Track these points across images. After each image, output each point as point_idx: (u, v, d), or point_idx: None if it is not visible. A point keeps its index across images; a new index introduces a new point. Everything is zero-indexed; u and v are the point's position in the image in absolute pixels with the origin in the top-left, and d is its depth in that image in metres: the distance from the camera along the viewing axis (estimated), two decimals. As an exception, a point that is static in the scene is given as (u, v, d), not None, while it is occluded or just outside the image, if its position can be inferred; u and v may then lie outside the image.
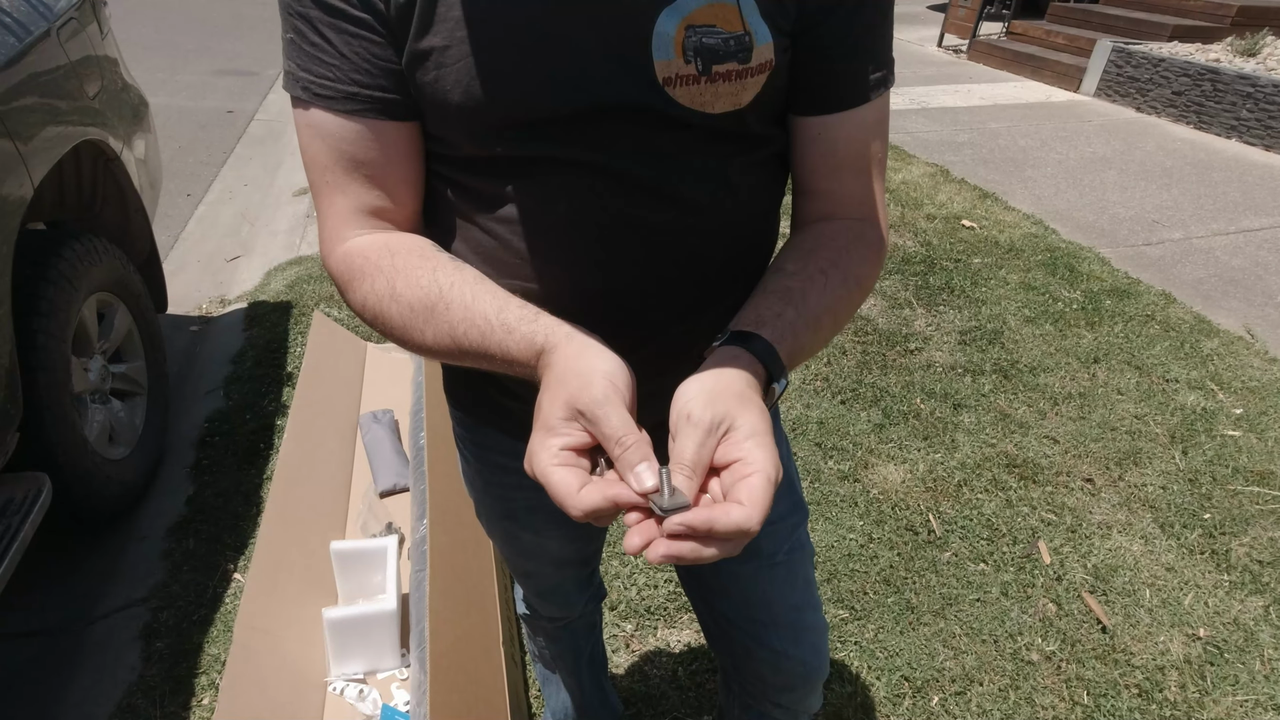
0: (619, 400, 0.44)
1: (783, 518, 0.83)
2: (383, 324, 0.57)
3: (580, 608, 1.09)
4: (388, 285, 0.55)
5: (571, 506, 0.42)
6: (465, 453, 0.85)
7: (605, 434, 0.44)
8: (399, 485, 1.69)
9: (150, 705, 1.42)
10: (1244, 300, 2.78)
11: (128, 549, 1.78)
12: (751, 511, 0.42)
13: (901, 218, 3.33)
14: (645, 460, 0.43)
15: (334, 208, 0.59)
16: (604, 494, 0.42)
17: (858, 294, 0.60)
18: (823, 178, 0.62)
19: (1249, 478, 1.93)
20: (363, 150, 0.57)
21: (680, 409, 0.47)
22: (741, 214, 0.63)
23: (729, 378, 0.49)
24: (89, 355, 1.78)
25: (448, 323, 0.52)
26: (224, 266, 3.12)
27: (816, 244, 0.61)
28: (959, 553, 1.72)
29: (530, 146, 0.56)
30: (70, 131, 1.68)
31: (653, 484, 0.42)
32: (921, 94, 5.49)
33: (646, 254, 0.60)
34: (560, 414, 0.45)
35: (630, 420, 0.44)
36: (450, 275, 0.54)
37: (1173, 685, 1.44)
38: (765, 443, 0.45)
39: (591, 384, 0.44)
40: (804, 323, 0.55)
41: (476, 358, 0.52)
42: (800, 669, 0.87)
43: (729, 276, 0.65)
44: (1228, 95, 4.56)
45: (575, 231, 0.59)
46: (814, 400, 2.20)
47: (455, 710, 1.09)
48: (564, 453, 0.44)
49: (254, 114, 4.91)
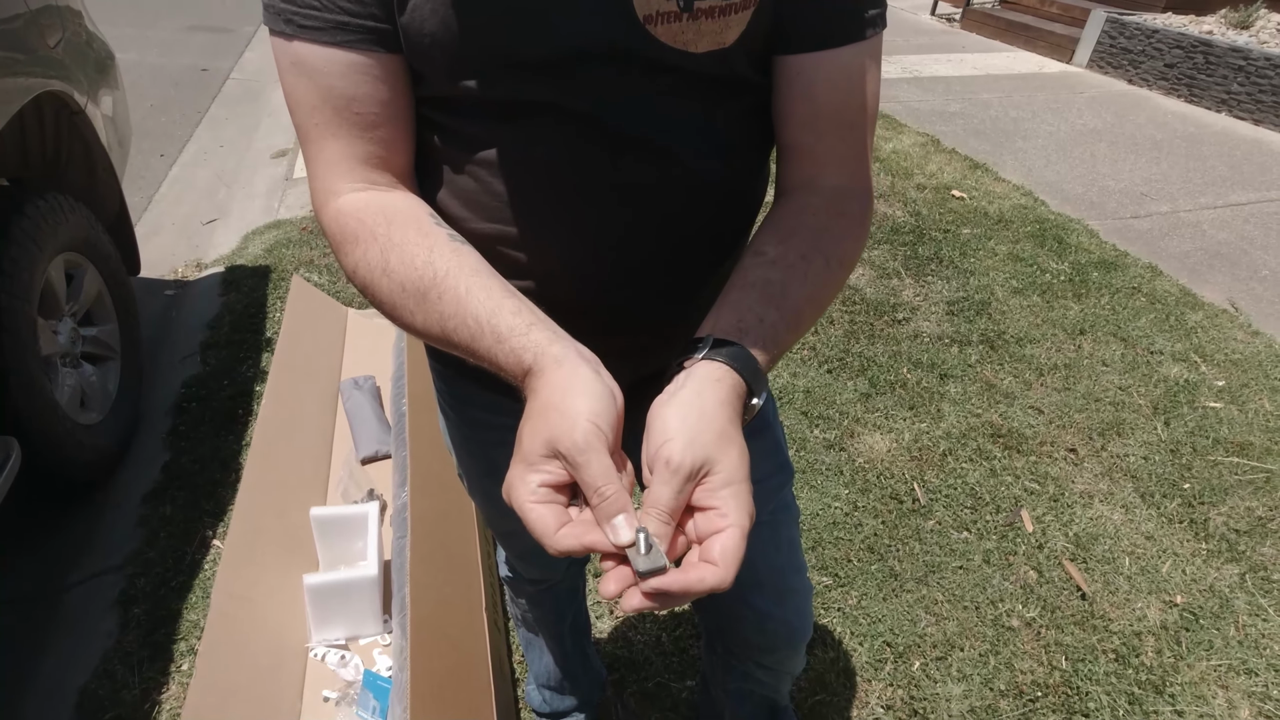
0: (601, 445, 0.43)
1: (768, 477, 0.82)
2: (372, 296, 0.54)
3: (563, 571, 1.07)
4: (380, 258, 0.52)
5: (548, 546, 0.43)
6: (445, 408, 0.83)
7: (584, 480, 0.43)
8: (380, 452, 1.67)
9: (128, 671, 1.40)
10: (1229, 274, 2.79)
11: (103, 516, 1.75)
12: (724, 573, 0.42)
13: (891, 187, 3.30)
14: (623, 513, 0.42)
15: (324, 155, 0.55)
16: (580, 541, 0.42)
17: (840, 274, 0.57)
18: (803, 130, 0.58)
19: (1229, 449, 1.95)
20: (353, 86, 0.53)
21: (659, 450, 0.45)
22: (726, 168, 0.60)
23: (711, 411, 0.46)
24: (57, 317, 1.73)
25: (439, 313, 0.50)
26: (200, 230, 3.04)
27: (797, 221, 0.57)
28: (942, 521, 1.73)
29: (509, 88, 0.53)
30: (30, 83, 1.60)
31: (628, 539, 0.42)
32: (914, 63, 5.42)
33: (628, 201, 0.58)
34: (540, 451, 0.44)
35: (611, 469, 0.43)
36: (447, 260, 0.51)
37: (1149, 650, 1.46)
38: (741, 492, 0.45)
39: (574, 427, 0.43)
40: (786, 324, 0.52)
41: (465, 355, 0.51)
42: (784, 630, 0.87)
43: (713, 236, 0.63)
44: (1219, 68, 4.53)
45: (554, 177, 0.56)
46: (800, 369, 2.19)
47: (437, 675, 1.08)
48: (542, 489, 0.44)
49: (229, 72, 4.76)
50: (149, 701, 1.35)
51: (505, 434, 0.79)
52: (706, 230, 0.62)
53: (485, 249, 0.55)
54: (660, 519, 0.44)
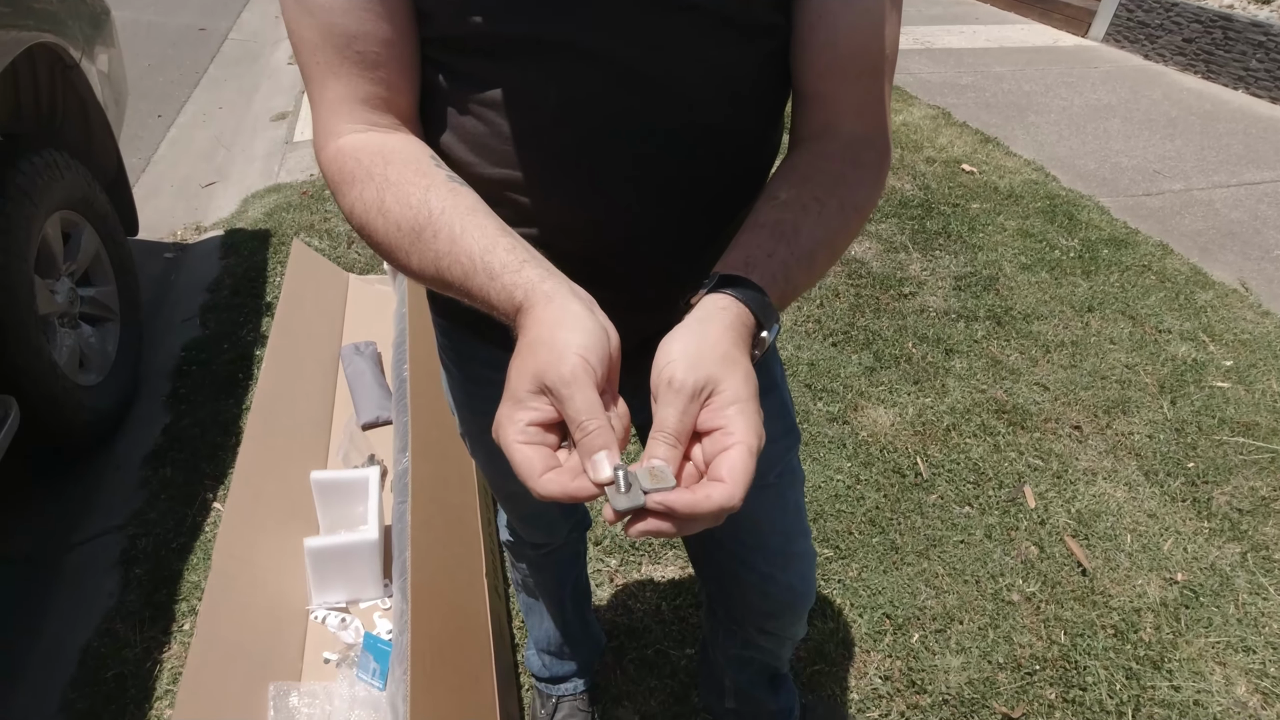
0: (588, 379, 0.41)
1: (775, 440, 0.80)
2: (368, 236, 0.53)
3: (564, 535, 1.07)
4: (377, 197, 0.51)
5: (532, 489, 0.41)
6: (447, 363, 0.81)
7: (569, 415, 0.41)
8: (381, 418, 1.66)
9: (130, 630, 1.41)
10: (1240, 254, 2.75)
11: (104, 477, 1.75)
12: (733, 490, 0.40)
13: (901, 160, 3.25)
14: (606, 449, 0.40)
15: (326, 95, 0.54)
16: (564, 488, 0.40)
17: (855, 221, 0.56)
18: (822, 77, 0.56)
19: (1235, 428, 1.94)
20: (356, 22, 0.51)
21: (662, 372, 0.44)
22: (741, 115, 0.58)
23: (715, 336, 0.45)
24: (55, 277, 1.71)
25: (433, 252, 0.48)
26: (199, 192, 3.00)
27: (811, 168, 0.56)
28: (945, 495, 1.73)
29: (520, 25, 0.51)
30: (21, 35, 1.56)
31: (606, 476, 0.40)
32: (925, 34, 5.31)
33: (640, 146, 0.56)
34: (528, 386, 0.42)
35: (597, 404, 0.41)
36: (443, 199, 0.49)
37: (1148, 626, 1.47)
38: (749, 410, 0.43)
39: (562, 359, 0.41)
40: (796, 261, 0.51)
41: (460, 293, 0.49)
42: (787, 595, 0.87)
43: (726, 185, 0.61)
44: (1238, 44, 4.43)
45: (565, 119, 0.54)
46: (805, 342, 2.17)
47: (438, 639, 1.08)
48: (530, 429, 0.42)
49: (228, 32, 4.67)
50: (150, 660, 1.36)
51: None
52: (719, 178, 0.60)
53: (492, 195, 0.53)
54: (666, 442, 0.42)
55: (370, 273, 2.37)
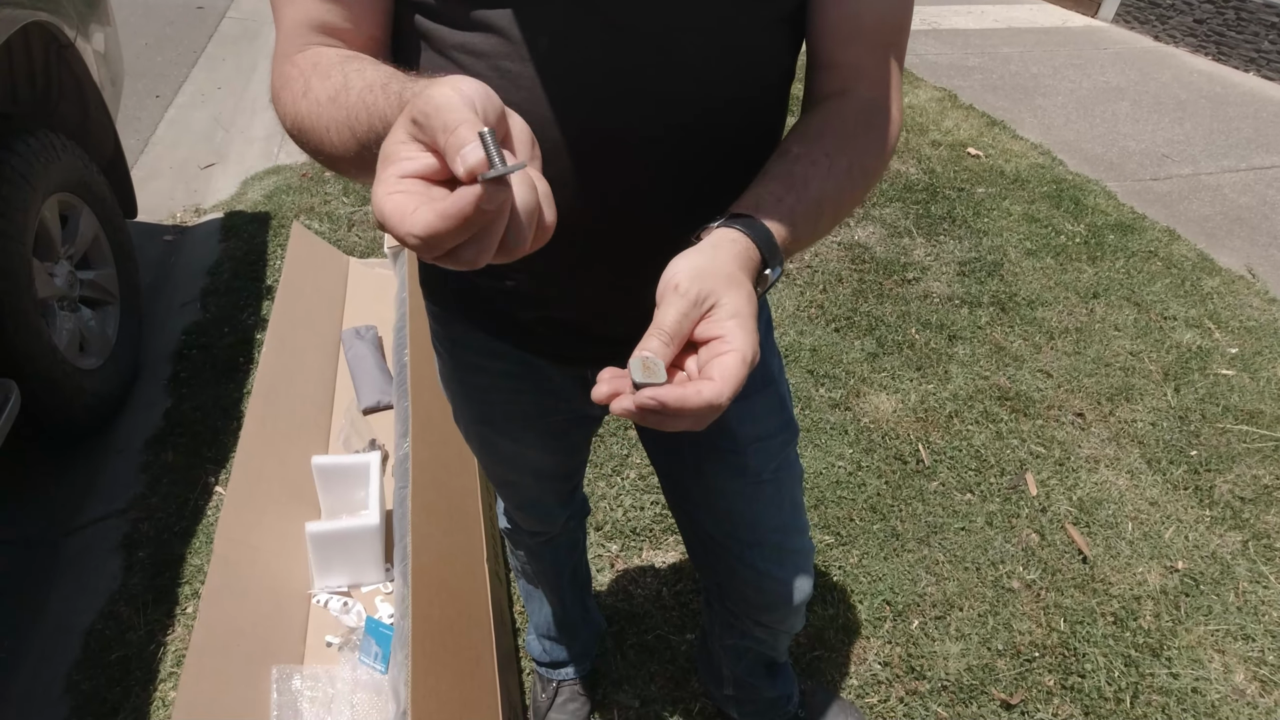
0: (463, 100, 0.34)
1: (772, 435, 0.80)
2: (299, 129, 0.50)
3: (562, 524, 1.07)
4: (303, 84, 0.49)
5: (406, 233, 0.34)
6: (440, 349, 0.81)
7: (434, 127, 0.34)
8: (382, 403, 1.66)
9: (133, 613, 1.42)
10: (1248, 240, 2.73)
11: (105, 461, 1.75)
12: (721, 387, 0.41)
13: (906, 143, 3.21)
14: (474, 141, 0.33)
15: (283, 24, 0.53)
16: (437, 210, 0.33)
17: (863, 185, 0.57)
18: (841, 46, 0.57)
19: (1238, 416, 1.93)
20: None
21: (668, 279, 0.46)
22: (749, 85, 0.57)
23: (722, 258, 0.47)
24: (53, 260, 1.70)
25: (345, 108, 0.45)
26: (198, 174, 2.97)
27: (824, 127, 0.57)
28: (946, 482, 1.72)
29: None
30: (15, 13, 1.54)
31: (476, 160, 0.33)
32: (933, 14, 5.23)
33: (638, 106, 0.54)
34: (399, 136, 0.36)
35: (470, 112, 0.34)
36: (362, 64, 0.47)
37: (1148, 614, 1.47)
38: (746, 324, 0.44)
39: (430, 88, 0.35)
40: (804, 210, 0.52)
41: (370, 149, 0.44)
42: (784, 590, 0.86)
43: (727, 153, 0.59)
44: (1251, 25, 4.36)
45: (560, 74, 0.52)
46: (808, 328, 2.16)
47: (439, 623, 1.09)
48: (405, 180, 0.36)
49: (226, 10, 4.61)
50: (154, 643, 1.37)
51: (499, 379, 0.77)
52: (719, 143, 0.58)
53: None
54: (660, 338, 0.43)
55: (371, 256, 2.36)
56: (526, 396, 0.78)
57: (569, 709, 1.28)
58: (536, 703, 1.30)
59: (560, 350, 0.71)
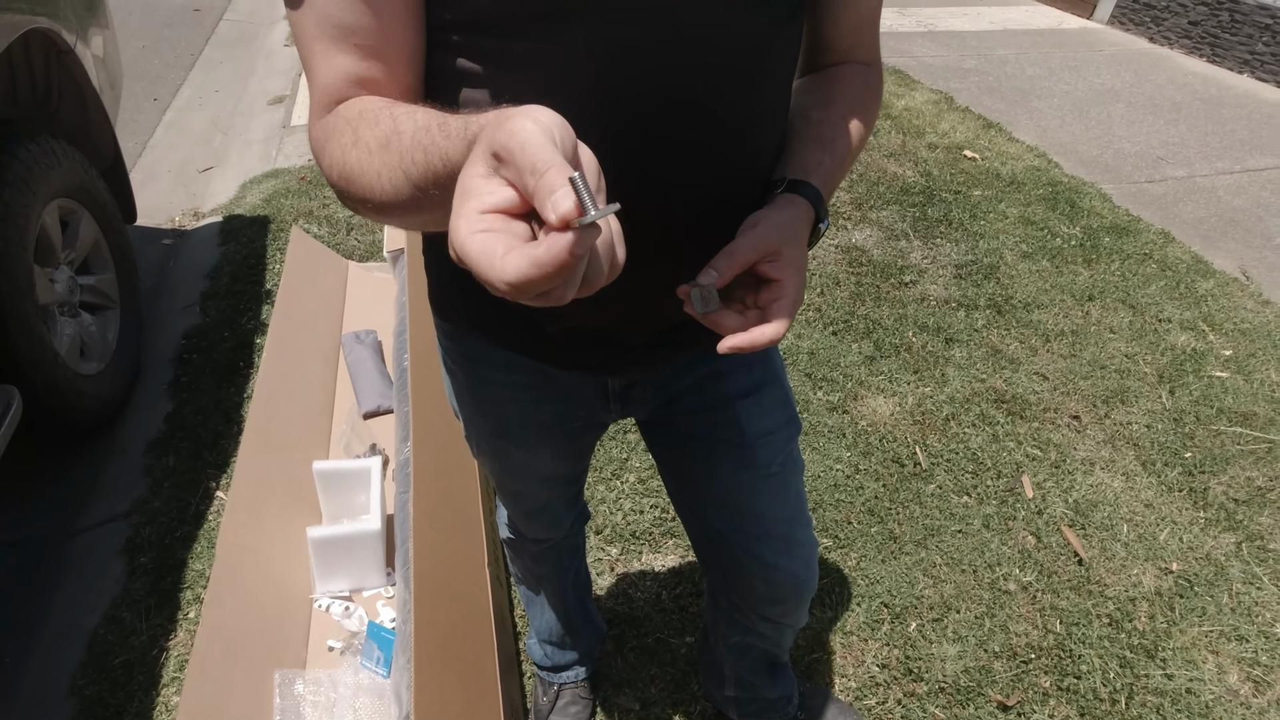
0: (544, 133, 0.34)
1: (779, 428, 0.82)
2: (347, 179, 0.50)
3: (566, 528, 1.08)
4: (351, 134, 0.50)
5: (496, 279, 0.34)
6: (453, 366, 0.81)
7: (520, 166, 0.34)
8: (383, 407, 1.66)
9: (136, 618, 1.42)
10: (1242, 242, 2.74)
11: (107, 465, 1.76)
12: (779, 327, 0.55)
13: (902, 146, 3.23)
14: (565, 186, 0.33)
15: (319, 79, 0.54)
16: (531, 257, 0.33)
17: (866, 133, 0.69)
18: (848, 34, 0.68)
19: (1232, 418, 1.95)
20: (353, 16, 0.51)
21: (752, 220, 0.57)
22: (768, 95, 0.62)
23: (790, 217, 0.58)
24: (54, 265, 1.70)
25: (398, 153, 0.45)
26: (196, 177, 2.98)
27: (833, 93, 0.68)
28: (943, 485, 1.74)
29: (555, 2, 0.51)
30: (16, 20, 1.54)
31: (568, 207, 0.32)
32: (929, 16, 5.25)
33: (680, 127, 0.56)
34: (479, 170, 0.36)
35: (554, 150, 0.34)
36: (410, 109, 0.47)
37: (1142, 616, 1.48)
38: (801, 274, 0.57)
39: (510, 119, 0.35)
40: (837, 165, 0.64)
41: (427, 191, 0.44)
42: (791, 581, 0.88)
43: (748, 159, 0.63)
44: (1245, 27, 4.39)
45: (603, 99, 0.54)
46: (805, 331, 2.17)
47: (441, 628, 1.10)
48: (487, 216, 0.35)
49: (223, 13, 4.61)
50: (157, 648, 1.37)
51: (516, 391, 0.78)
52: (742, 151, 0.62)
53: None
54: (729, 260, 0.55)
55: (370, 259, 2.36)
56: (545, 406, 0.79)
57: (570, 712, 1.29)
58: (538, 706, 1.31)
59: (582, 360, 0.72)
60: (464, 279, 0.70)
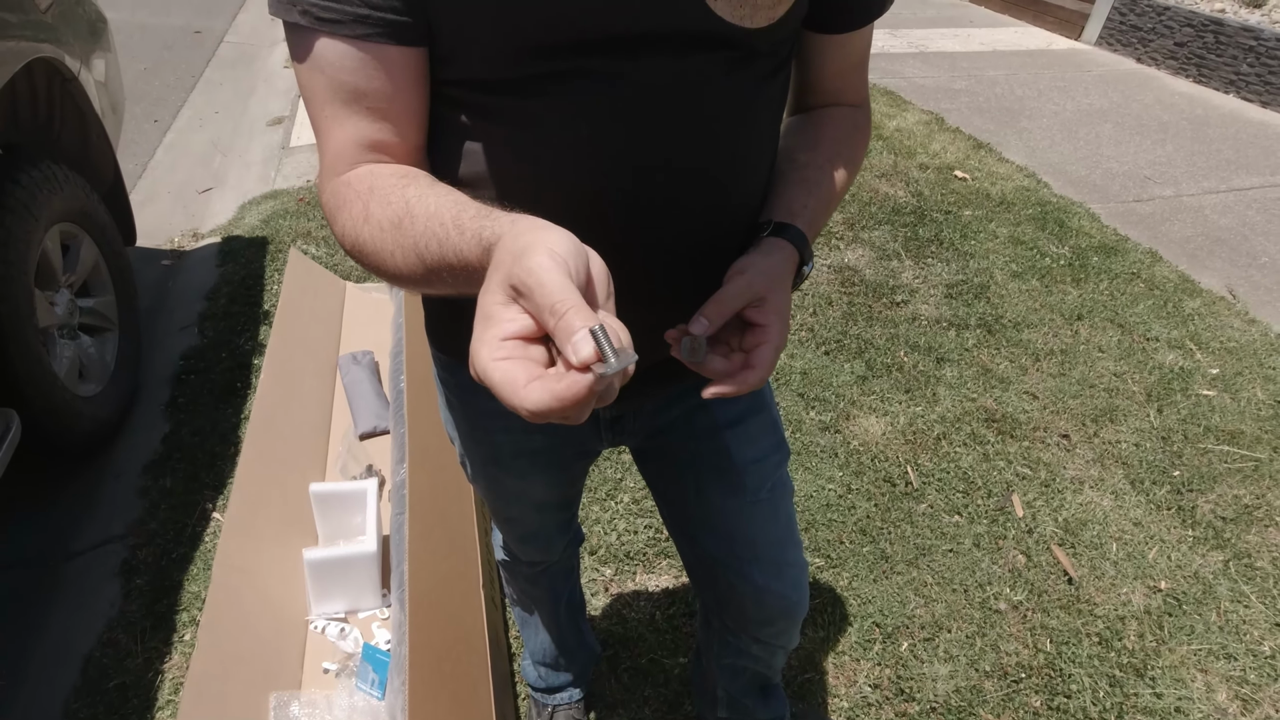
0: (558, 268, 0.37)
1: (767, 455, 0.84)
2: (359, 252, 0.53)
3: (560, 551, 1.09)
4: (363, 209, 0.52)
5: (518, 405, 0.36)
6: (449, 396, 0.83)
7: (539, 304, 0.36)
8: (379, 428, 1.68)
9: (132, 640, 1.43)
10: (1229, 260, 2.78)
11: (104, 485, 1.77)
12: (762, 373, 0.56)
13: (894, 167, 3.28)
14: (585, 328, 0.35)
15: (331, 142, 0.55)
16: (552, 390, 0.36)
17: (853, 172, 0.71)
18: (836, 79, 0.70)
19: (1220, 437, 1.97)
20: (366, 80, 0.53)
21: (739, 267, 0.59)
22: (759, 146, 0.64)
23: (775, 263, 0.60)
24: (54, 289, 1.72)
25: (411, 236, 0.48)
26: (196, 198, 3.01)
27: (820, 135, 0.69)
28: (935, 504, 1.75)
29: (555, 64, 0.53)
30: (21, 48, 1.57)
31: (589, 352, 0.35)
32: (920, 37, 5.33)
33: (669, 182, 0.59)
34: (498, 298, 0.38)
35: (571, 288, 0.36)
36: (421, 190, 0.50)
37: (1132, 634, 1.50)
38: (784, 320, 0.58)
39: (527, 253, 0.37)
40: (821, 207, 0.66)
41: (439, 274, 0.47)
42: (782, 603, 0.90)
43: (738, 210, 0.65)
44: (1229, 48, 4.47)
45: (596, 156, 0.56)
46: (798, 351, 2.20)
47: (436, 650, 1.11)
48: (507, 343, 0.37)
49: (224, 35, 4.67)
50: (152, 670, 1.38)
51: (509, 421, 0.80)
52: (735, 203, 0.64)
53: None
54: (715, 303, 0.56)
55: (367, 280, 2.39)
56: (536, 437, 0.81)
57: (563, 733, 1.29)
58: (532, 727, 1.32)
59: None
60: (459, 313, 0.73)
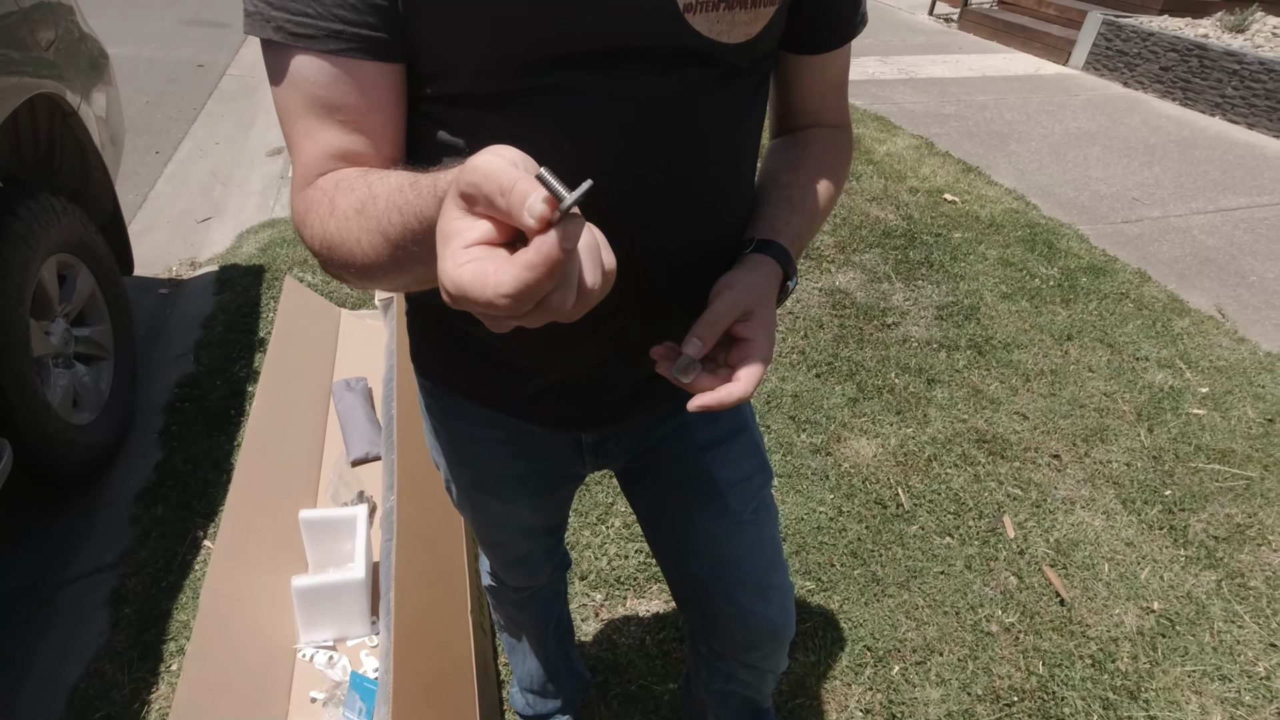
0: (503, 160, 0.35)
1: (750, 476, 0.84)
2: (328, 248, 0.52)
3: (546, 576, 1.09)
4: (329, 204, 0.52)
5: (492, 296, 0.34)
6: (434, 423, 0.84)
7: (489, 193, 0.34)
8: (371, 454, 1.69)
9: (118, 670, 1.42)
10: (1217, 280, 2.81)
11: (96, 514, 1.77)
12: (747, 387, 0.57)
13: (884, 190, 3.32)
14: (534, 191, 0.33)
15: (303, 155, 0.55)
16: (521, 262, 0.33)
17: (836, 192, 0.72)
18: (815, 100, 0.72)
19: (1210, 455, 1.97)
20: (339, 95, 0.53)
21: (724, 283, 0.60)
22: (741, 161, 0.66)
23: (760, 278, 0.61)
24: (50, 318, 1.74)
25: (374, 217, 0.47)
26: (195, 228, 3.04)
27: (802, 154, 0.71)
28: (926, 526, 1.75)
29: (538, 79, 0.54)
30: (23, 83, 1.61)
31: (543, 205, 0.33)
32: (910, 64, 5.42)
33: (649, 196, 0.60)
34: (453, 214, 0.37)
35: (518, 170, 0.34)
36: (383, 174, 0.49)
37: (1125, 656, 1.49)
38: (770, 334, 0.59)
39: (473, 160, 0.36)
40: (804, 225, 0.67)
41: (406, 248, 0.46)
42: (767, 626, 0.89)
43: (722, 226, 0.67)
44: (1214, 72, 4.54)
45: (580, 171, 0.57)
46: (789, 373, 2.21)
47: (423, 678, 1.10)
48: (471, 249, 0.35)
49: (226, 68, 4.75)
50: (138, 701, 1.37)
51: (494, 446, 0.81)
52: (718, 219, 0.66)
53: None
54: (706, 323, 0.58)
55: (362, 307, 2.41)
56: (521, 460, 0.82)
57: (552, 761, 1.28)
58: (520, 756, 1.30)
59: (560, 417, 0.76)
60: (442, 337, 0.74)
